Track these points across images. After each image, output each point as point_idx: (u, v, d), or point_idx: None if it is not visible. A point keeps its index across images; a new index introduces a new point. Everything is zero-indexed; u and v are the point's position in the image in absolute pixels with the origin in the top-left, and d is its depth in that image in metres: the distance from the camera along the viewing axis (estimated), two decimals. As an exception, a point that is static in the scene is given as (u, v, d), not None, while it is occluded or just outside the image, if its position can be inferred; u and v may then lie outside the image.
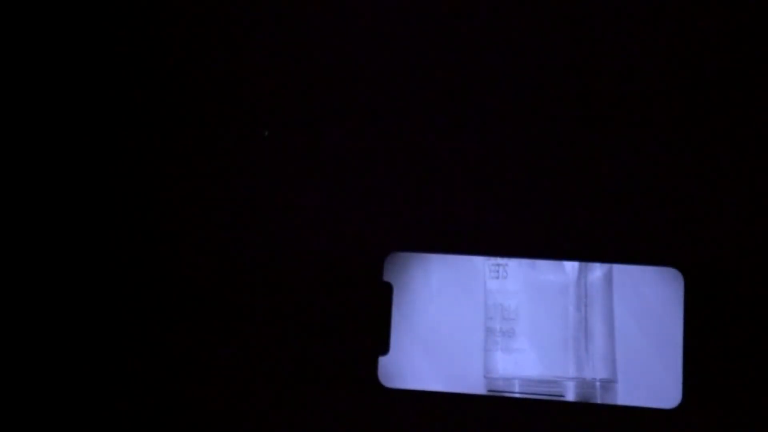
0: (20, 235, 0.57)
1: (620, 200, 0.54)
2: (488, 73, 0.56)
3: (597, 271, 0.54)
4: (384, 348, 0.54)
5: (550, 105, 0.56)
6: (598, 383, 0.53)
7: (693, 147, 0.55)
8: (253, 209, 0.56)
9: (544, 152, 0.55)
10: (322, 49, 0.58)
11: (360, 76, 0.57)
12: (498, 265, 0.54)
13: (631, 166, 0.55)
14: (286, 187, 0.56)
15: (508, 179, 0.55)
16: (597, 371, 0.53)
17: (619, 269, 0.54)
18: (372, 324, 0.55)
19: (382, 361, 0.54)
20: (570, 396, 0.53)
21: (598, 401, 0.53)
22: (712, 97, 0.55)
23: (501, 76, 0.56)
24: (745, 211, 0.54)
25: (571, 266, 0.54)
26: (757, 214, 0.54)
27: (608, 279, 0.54)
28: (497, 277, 0.54)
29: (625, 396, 0.53)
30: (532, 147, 0.56)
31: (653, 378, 0.53)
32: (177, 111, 0.58)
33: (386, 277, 0.55)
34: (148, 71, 0.58)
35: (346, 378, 0.55)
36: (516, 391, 0.54)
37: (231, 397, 0.55)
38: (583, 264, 0.54)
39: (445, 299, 0.55)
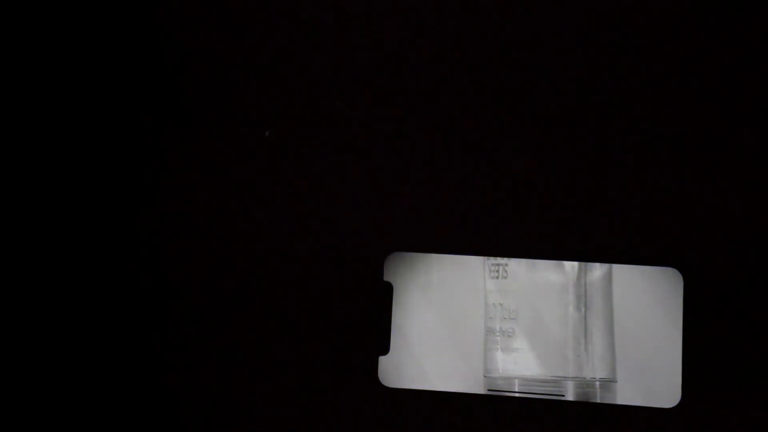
0: (20, 234, 0.57)
1: (620, 200, 0.55)
2: (488, 75, 0.57)
3: (596, 271, 0.54)
4: (384, 348, 0.54)
5: (549, 105, 0.56)
6: (597, 383, 0.53)
7: (693, 147, 0.55)
8: (253, 209, 0.56)
9: (543, 152, 0.55)
10: (322, 49, 0.58)
11: (361, 77, 0.57)
12: (498, 264, 0.55)
13: (631, 167, 0.55)
14: (287, 187, 0.56)
15: (508, 179, 0.55)
16: (596, 371, 0.53)
17: (618, 269, 0.54)
18: (372, 324, 0.55)
19: (382, 361, 0.54)
20: (570, 395, 0.53)
21: (598, 401, 0.53)
22: (711, 98, 0.55)
23: (501, 78, 0.56)
24: (744, 212, 0.54)
25: (570, 266, 0.54)
26: (756, 214, 0.54)
27: (608, 279, 0.54)
28: (497, 277, 0.54)
29: (625, 395, 0.53)
30: (531, 147, 0.56)
31: (653, 377, 0.53)
32: (177, 111, 0.58)
33: (386, 277, 0.55)
34: (148, 71, 0.58)
35: (346, 378, 0.55)
36: (516, 390, 0.54)
37: (231, 396, 0.55)
38: (583, 264, 0.54)
39: (445, 299, 0.55)
